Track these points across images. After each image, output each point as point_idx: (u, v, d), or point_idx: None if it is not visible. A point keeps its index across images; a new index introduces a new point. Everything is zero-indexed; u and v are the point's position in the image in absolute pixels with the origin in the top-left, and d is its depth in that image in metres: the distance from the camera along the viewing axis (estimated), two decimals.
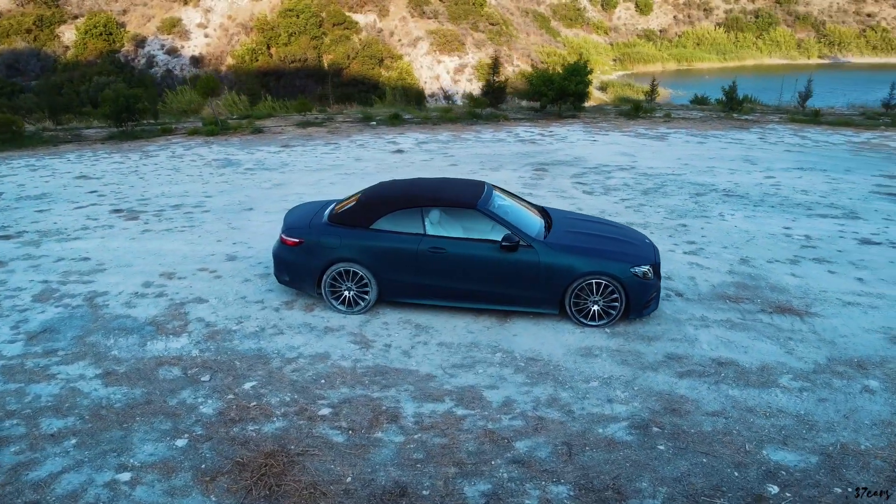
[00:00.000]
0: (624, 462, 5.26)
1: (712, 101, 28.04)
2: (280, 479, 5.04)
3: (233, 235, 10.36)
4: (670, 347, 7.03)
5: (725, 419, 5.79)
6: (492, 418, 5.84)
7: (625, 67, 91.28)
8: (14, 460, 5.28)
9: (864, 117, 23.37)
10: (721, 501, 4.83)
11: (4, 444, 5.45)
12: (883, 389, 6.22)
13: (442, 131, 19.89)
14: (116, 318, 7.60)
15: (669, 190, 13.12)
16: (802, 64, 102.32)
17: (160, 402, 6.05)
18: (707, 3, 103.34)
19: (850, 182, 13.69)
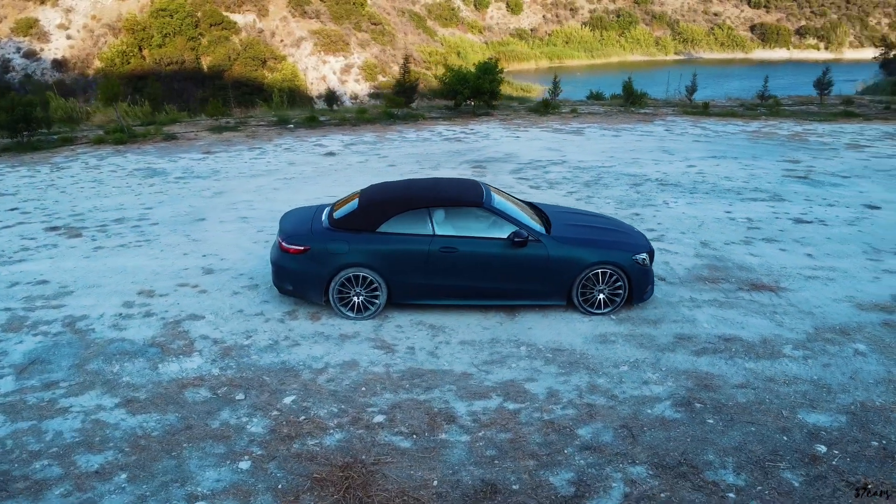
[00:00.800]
0: (684, 438, 5.58)
1: (606, 96, 29.53)
2: (366, 490, 4.95)
3: (198, 248, 9.86)
4: (676, 329, 7.46)
5: (753, 390, 6.26)
6: (544, 409, 5.99)
7: (501, 66, 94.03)
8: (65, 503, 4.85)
9: (744, 108, 25.44)
10: (783, 465, 5.24)
11: (46, 488, 5.00)
12: (871, 351, 6.93)
13: (364, 132, 19.73)
14: (111, 343, 7.08)
15: (607, 182, 13.76)
16: (661, 60, 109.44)
17: (201, 425, 5.73)
18: (572, 3, 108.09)
19: (761, 168, 14.94)
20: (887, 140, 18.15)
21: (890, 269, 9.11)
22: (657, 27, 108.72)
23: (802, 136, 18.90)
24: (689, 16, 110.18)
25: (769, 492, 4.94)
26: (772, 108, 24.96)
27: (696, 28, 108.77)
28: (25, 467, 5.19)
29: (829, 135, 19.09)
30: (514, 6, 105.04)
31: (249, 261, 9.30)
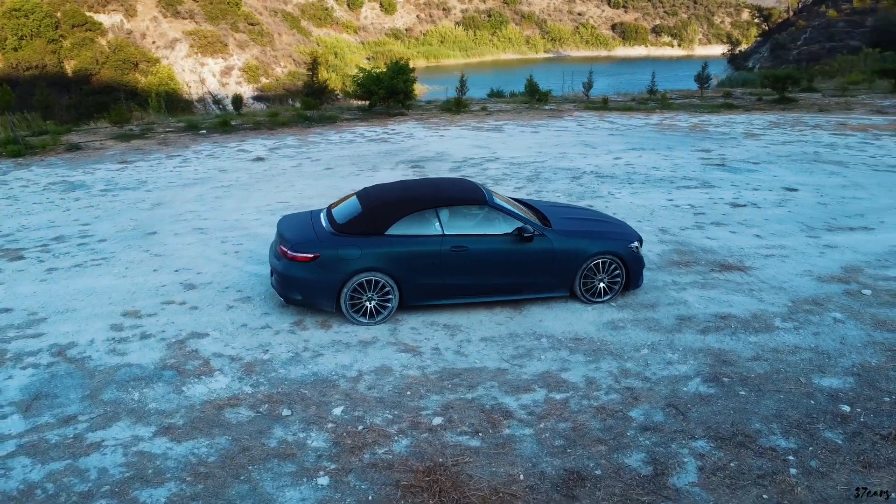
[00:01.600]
0: (727, 410, 5.99)
1: (506, 94, 30.35)
2: (459, 491, 4.97)
3: (165, 263, 9.31)
4: (673, 311, 7.93)
5: (766, 361, 6.79)
6: (590, 396, 6.22)
7: (378, 65, 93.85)
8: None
9: (636, 103, 27.02)
10: (821, 426, 5.76)
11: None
12: (847, 318, 7.70)
13: (283, 136, 19.22)
14: (118, 369, 6.59)
15: (547, 176, 14.25)
16: (532, 58, 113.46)
17: (258, 445, 5.50)
18: (445, 3, 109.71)
19: (680, 157, 15.99)
20: (776, 129, 19.92)
21: (829, 244, 10.08)
22: (527, 26, 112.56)
23: (702, 127, 20.35)
24: (555, 15, 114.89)
25: (820, 451, 5.42)
26: (661, 101, 26.64)
27: (563, 27, 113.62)
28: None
29: (723, 125, 20.67)
30: (388, 6, 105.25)
31: (229, 273, 8.90)
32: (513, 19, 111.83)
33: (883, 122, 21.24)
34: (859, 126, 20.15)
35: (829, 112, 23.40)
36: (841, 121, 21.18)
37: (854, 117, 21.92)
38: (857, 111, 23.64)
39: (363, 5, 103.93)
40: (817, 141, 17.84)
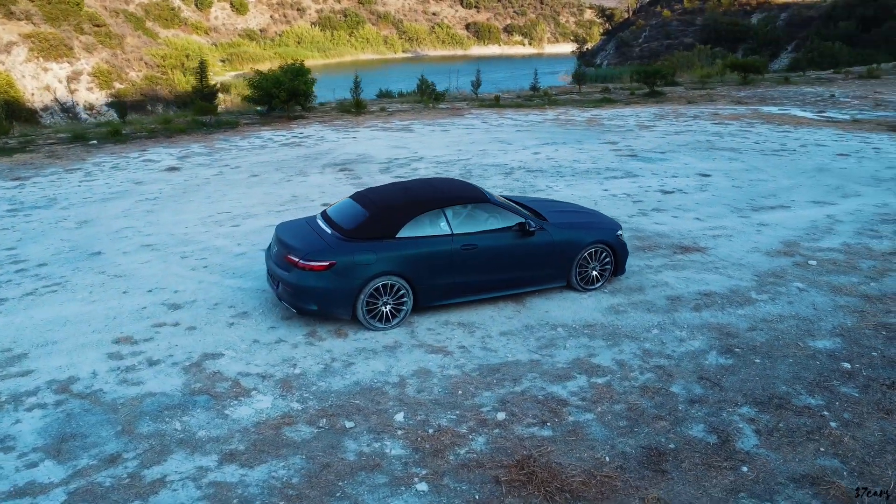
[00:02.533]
0: (753, 377, 6.55)
1: (394, 94, 30.45)
2: (559, 480, 5.12)
3: (133, 284, 8.66)
4: (660, 292, 8.49)
5: (762, 331, 7.47)
6: (628, 378, 6.57)
7: (235, 68, 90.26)
8: None
9: (522, 99, 28.09)
10: (835, 382, 6.45)
11: None
12: (808, 287, 8.60)
13: (185, 143, 18.21)
14: (141, 400, 6.11)
15: (480, 173, 14.58)
16: (391, 58, 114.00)
17: (338, 461, 5.35)
18: (299, 3, 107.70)
19: (593, 150, 16.90)
20: (662, 120, 21.49)
21: (761, 222, 11.14)
22: (384, 26, 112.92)
23: (597, 121, 21.55)
24: (411, 15, 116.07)
25: (845, 405, 6.08)
26: (546, 98, 27.87)
27: (419, 27, 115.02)
28: None
29: (616, 118, 22.01)
30: (240, 6, 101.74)
31: (209, 289, 8.44)
32: (369, 19, 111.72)
33: (746, 111, 23.50)
34: (731, 115, 22.18)
35: (697, 104, 25.54)
36: (713, 111, 23.21)
37: (721, 108, 24.09)
38: (721, 102, 25.98)
39: (212, 5, 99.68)
40: (704, 130, 19.47)
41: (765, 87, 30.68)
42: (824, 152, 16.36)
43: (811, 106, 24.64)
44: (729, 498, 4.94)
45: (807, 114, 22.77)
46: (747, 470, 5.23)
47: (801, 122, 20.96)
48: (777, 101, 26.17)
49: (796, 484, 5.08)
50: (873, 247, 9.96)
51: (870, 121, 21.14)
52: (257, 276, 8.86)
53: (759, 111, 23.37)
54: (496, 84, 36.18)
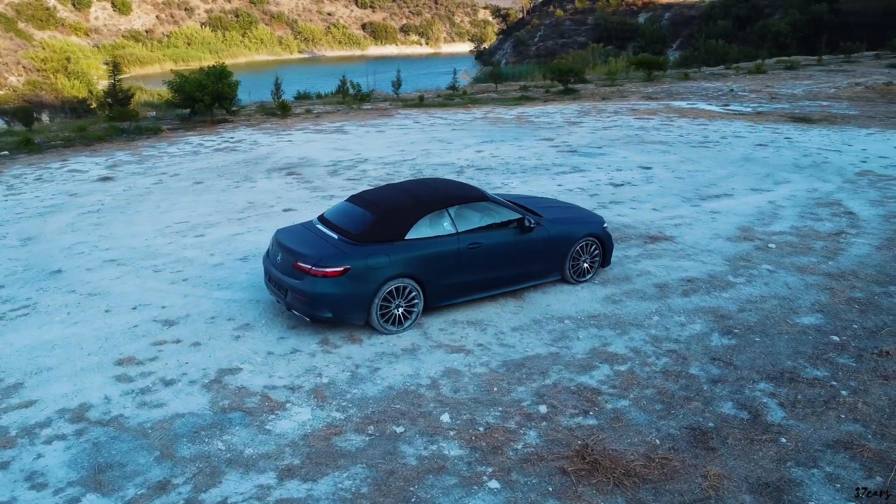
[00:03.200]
0: (759, 354, 6.98)
1: (317, 95, 29.94)
2: (622, 465, 5.29)
3: (113, 302, 8.18)
4: (646, 280, 8.87)
5: (752, 312, 7.97)
6: (647, 364, 6.85)
7: (121, 71, 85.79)
8: None
9: (442, 98, 28.32)
10: (832, 354, 6.99)
11: None
12: (775, 269, 9.23)
13: (109, 151, 17.22)
14: (171, 422, 5.81)
15: (430, 173, 14.65)
16: (287, 59, 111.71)
17: (401, 465, 5.31)
18: (187, 2, 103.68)
19: (534, 147, 17.32)
20: (587, 116, 22.27)
21: (712, 210, 11.82)
22: (278, 27, 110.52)
23: (525, 119, 22.07)
24: (305, 15, 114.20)
25: (847, 374, 6.61)
26: (466, 97, 28.23)
27: (315, 27, 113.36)
28: None
29: (542, 116, 22.61)
30: (122, 6, 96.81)
31: (199, 303, 8.09)
32: (262, 19, 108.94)
33: (659, 106, 24.73)
34: (648, 111, 23.28)
35: (611, 100, 26.62)
36: (630, 107, 24.27)
37: (635, 104, 25.23)
38: (633, 98, 27.19)
39: (91, 5, 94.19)
40: (629, 125, 20.34)
41: (668, 83, 32.34)
42: (744, 143, 17.49)
43: (715, 100, 26.20)
44: (779, 468, 5.27)
45: (713, 107, 24.21)
46: (786, 441, 5.59)
47: (713, 115, 22.28)
48: (683, 96, 27.65)
49: (832, 449, 5.48)
50: (818, 229, 10.80)
51: (771, 112, 22.75)
52: (244, 286, 8.56)
53: (671, 106, 24.64)
54: (405, 84, 36.16)
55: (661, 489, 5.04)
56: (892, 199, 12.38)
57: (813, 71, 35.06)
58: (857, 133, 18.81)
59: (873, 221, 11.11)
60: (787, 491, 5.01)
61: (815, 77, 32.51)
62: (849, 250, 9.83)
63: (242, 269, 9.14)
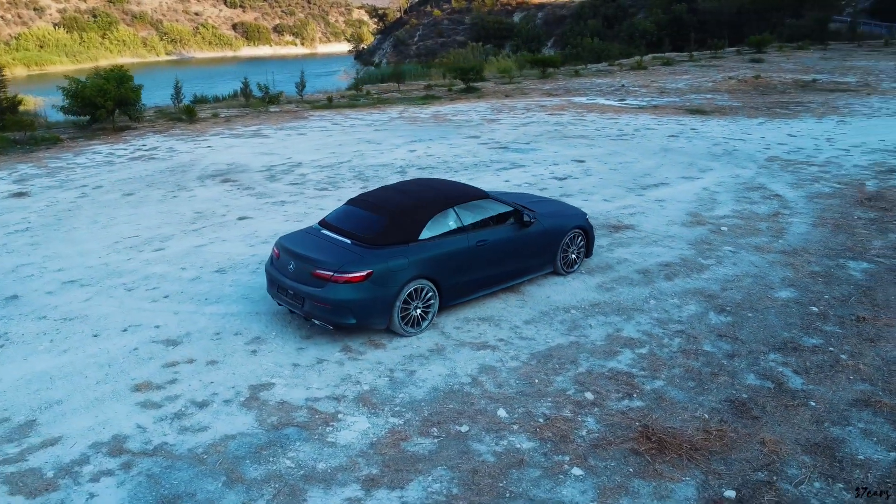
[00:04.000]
0: (758, 329, 7.54)
1: (210, 98, 28.71)
2: (686, 441, 5.60)
3: (99, 326, 7.60)
4: (628, 268, 9.31)
5: (735, 290, 8.56)
6: (663, 345, 7.23)
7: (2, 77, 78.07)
8: None
9: (348, 99, 28.03)
10: (819, 324, 7.65)
11: None
12: (736, 250, 9.94)
13: (8, 164, 15.74)
14: (224, 444, 5.52)
15: (373, 174, 14.55)
16: (154, 61, 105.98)
17: (479, 463, 5.34)
18: (36, 2, 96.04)
19: (464, 145, 17.56)
20: (501, 114, 22.79)
21: (657, 198, 12.52)
22: (141, 27, 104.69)
23: (442, 117, 22.28)
24: (170, 15, 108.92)
25: (838, 340, 7.28)
26: (370, 97, 28.09)
27: (182, 28, 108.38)
28: None
29: (457, 114, 22.91)
30: None
31: (195, 320, 7.68)
32: (123, 20, 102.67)
33: (563, 102, 25.73)
34: (556, 107, 24.17)
35: (515, 97, 27.36)
36: (537, 104, 25.08)
37: (540, 100, 26.09)
38: (535, 95, 28.09)
39: None
40: (545, 121, 21.04)
41: (562, 80, 33.63)
42: (657, 135, 18.58)
43: (611, 95, 27.56)
44: (819, 428, 5.76)
45: (612, 102, 25.48)
46: (815, 404, 6.10)
47: (617, 110, 23.46)
48: (580, 92, 28.88)
49: (856, 407, 6.05)
50: (757, 211, 11.72)
51: (667, 106, 24.25)
52: (235, 299, 8.20)
53: (573, 101, 25.69)
54: (282, 85, 35.18)
55: (729, 459, 5.37)
56: (806, 181, 13.62)
57: (687, 66, 37.61)
58: (749, 122, 20.47)
59: (800, 202, 12.19)
60: (837, 448, 5.49)
61: (690, 72, 34.88)
62: (790, 229, 10.74)
63: (224, 281, 8.73)
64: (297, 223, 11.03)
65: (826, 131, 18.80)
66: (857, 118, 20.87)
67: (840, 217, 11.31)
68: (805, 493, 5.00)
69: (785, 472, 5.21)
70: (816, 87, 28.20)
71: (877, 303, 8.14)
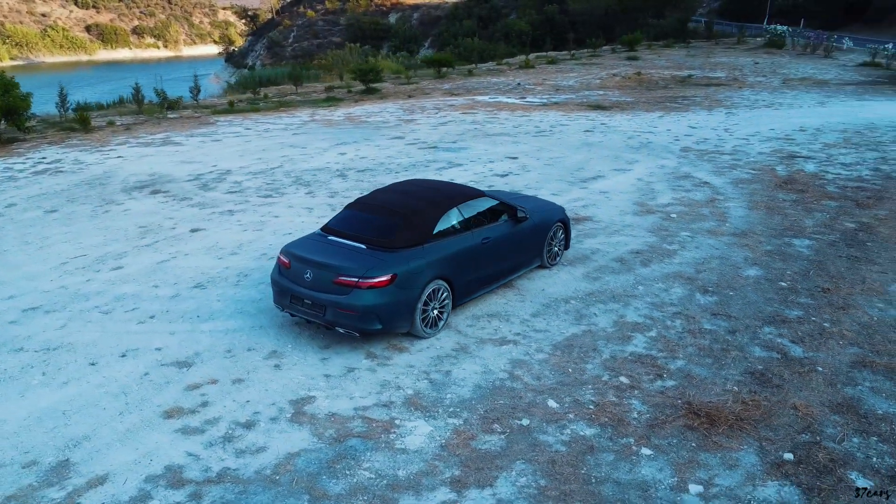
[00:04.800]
0: (744, 306, 8.11)
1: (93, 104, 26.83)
2: (731, 414, 5.99)
3: (92, 353, 7.00)
4: (603, 257, 9.73)
5: (706, 272, 9.16)
6: (667, 327, 7.65)
7: None
8: None
9: (247, 103, 27.12)
10: (794, 297, 8.35)
11: None
12: (692, 234, 10.63)
13: None
14: (289, 463, 5.30)
15: (312, 178, 14.24)
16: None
17: (556, 454, 5.46)
18: None
19: (393, 146, 17.50)
20: (415, 114, 22.88)
21: (600, 190, 13.11)
22: None
23: (356, 119, 22.08)
24: (13, 17, 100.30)
25: (816, 310, 7.99)
26: (268, 100, 27.34)
27: (27, 30, 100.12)
28: None
29: (371, 115, 22.76)
30: None
31: (198, 339, 7.28)
32: None
33: (469, 101, 26.20)
34: (465, 106, 24.57)
35: (417, 97, 27.54)
36: (445, 103, 25.38)
37: (445, 100, 26.42)
38: (437, 95, 28.41)
39: None
40: (462, 120, 21.35)
41: (458, 79, 34.16)
42: (572, 130, 19.37)
43: (511, 94, 28.35)
44: (835, 390, 6.33)
45: (514, 101, 26.23)
46: (822, 369, 6.70)
47: (525, 108, 24.18)
48: (480, 91, 29.48)
49: (856, 368, 6.71)
50: (694, 198, 12.56)
51: (567, 103, 25.29)
52: (230, 314, 7.83)
53: (477, 101, 26.20)
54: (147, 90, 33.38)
55: (773, 425, 5.80)
56: (724, 168, 14.73)
57: (571, 65, 39.31)
58: (650, 116, 21.77)
59: (728, 188, 13.19)
60: (858, 406, 6.07)
61: (576, 70, 36.49)
62: (731, 213, 11.61)
63: (208, 297, 8.30)
64: (257, 232, 10.66)
65: (720, 123, 20.36)
66: (741, 110, 22.74)
67: (768, 200, 12.35)
68: (849, 448, 5.50)
69: (825, 432, 5.71)
70: (694, 83, 30.36)
71: (832, 274, 8.99)
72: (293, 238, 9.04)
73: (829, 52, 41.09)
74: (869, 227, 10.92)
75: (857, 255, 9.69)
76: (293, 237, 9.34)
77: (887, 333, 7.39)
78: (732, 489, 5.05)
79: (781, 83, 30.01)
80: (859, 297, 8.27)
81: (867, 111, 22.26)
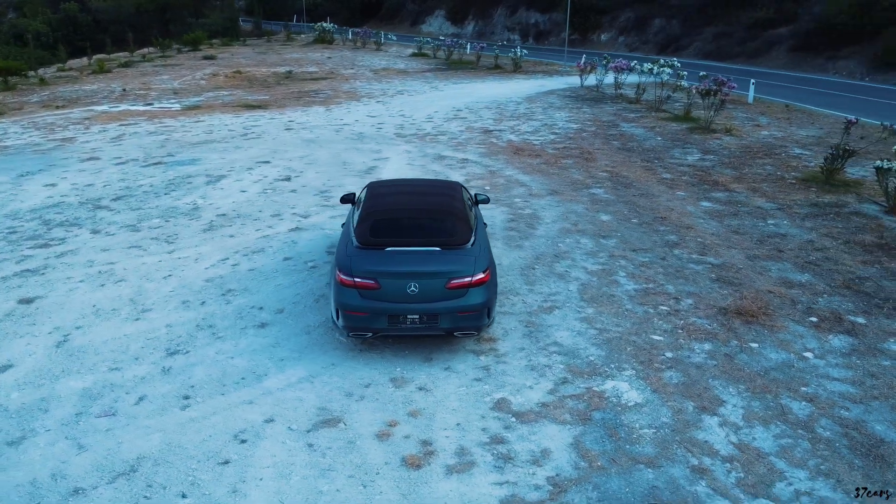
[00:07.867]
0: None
1: None
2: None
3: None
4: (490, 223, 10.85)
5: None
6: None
7: None
8: None
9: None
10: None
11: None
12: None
13: None
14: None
15: (224, 181, 11.66)
16: None
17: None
18: None
19: (103, 171, 14.82)
20: (55, 133, 19.21)
21: (393, 163, 13.88)
22: None
23: None
24: None
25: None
26: None
27: None
28: None
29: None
30: None
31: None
32: None
33: (86, 113, 22.83)
34: (104, 117, 21.45)
35: (16, 115, 22.77)
36: (83, 116, 21.60)
37: (62, 114, 22.38)
38: (35, 109, 23.79)
39: None
40: (136, 133, 18.81)
41: (32, 91, 28.44)
42: (274, 129, 18.84)
43: (133, 100, 25.15)
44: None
45: (144, 108, 23.36)
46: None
47: (182, 113, 22.06)
48: (81, 102, 25.16)
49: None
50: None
51: (212, 104, 23.82)
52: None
53: (102, 111, 22.71)
54: None
55: None
56: (465, 146, 16.76)
57: (148, 66, 36.36)
58: (317, 111, 22.36)
59: (487, 160, 15.28)
60: None
61: (165, 72, 33.97)
62: (519, 178, 13.72)
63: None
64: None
65: (387, 110, 22.14)
66: (387, 98, 25.02)
67: (526, 166, 14.81)
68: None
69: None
70: (299, 78, 31.20)
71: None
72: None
73: (379, 46, 46.70)
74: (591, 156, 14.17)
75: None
76: None
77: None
78: None
79: (374, 74, 33.11)
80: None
81: (479, 91, 26.75)
